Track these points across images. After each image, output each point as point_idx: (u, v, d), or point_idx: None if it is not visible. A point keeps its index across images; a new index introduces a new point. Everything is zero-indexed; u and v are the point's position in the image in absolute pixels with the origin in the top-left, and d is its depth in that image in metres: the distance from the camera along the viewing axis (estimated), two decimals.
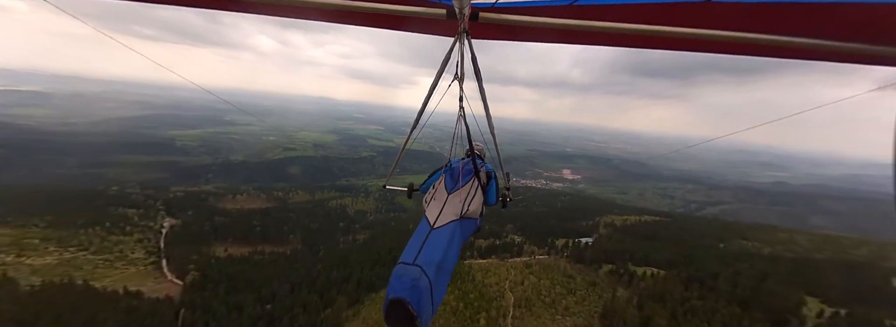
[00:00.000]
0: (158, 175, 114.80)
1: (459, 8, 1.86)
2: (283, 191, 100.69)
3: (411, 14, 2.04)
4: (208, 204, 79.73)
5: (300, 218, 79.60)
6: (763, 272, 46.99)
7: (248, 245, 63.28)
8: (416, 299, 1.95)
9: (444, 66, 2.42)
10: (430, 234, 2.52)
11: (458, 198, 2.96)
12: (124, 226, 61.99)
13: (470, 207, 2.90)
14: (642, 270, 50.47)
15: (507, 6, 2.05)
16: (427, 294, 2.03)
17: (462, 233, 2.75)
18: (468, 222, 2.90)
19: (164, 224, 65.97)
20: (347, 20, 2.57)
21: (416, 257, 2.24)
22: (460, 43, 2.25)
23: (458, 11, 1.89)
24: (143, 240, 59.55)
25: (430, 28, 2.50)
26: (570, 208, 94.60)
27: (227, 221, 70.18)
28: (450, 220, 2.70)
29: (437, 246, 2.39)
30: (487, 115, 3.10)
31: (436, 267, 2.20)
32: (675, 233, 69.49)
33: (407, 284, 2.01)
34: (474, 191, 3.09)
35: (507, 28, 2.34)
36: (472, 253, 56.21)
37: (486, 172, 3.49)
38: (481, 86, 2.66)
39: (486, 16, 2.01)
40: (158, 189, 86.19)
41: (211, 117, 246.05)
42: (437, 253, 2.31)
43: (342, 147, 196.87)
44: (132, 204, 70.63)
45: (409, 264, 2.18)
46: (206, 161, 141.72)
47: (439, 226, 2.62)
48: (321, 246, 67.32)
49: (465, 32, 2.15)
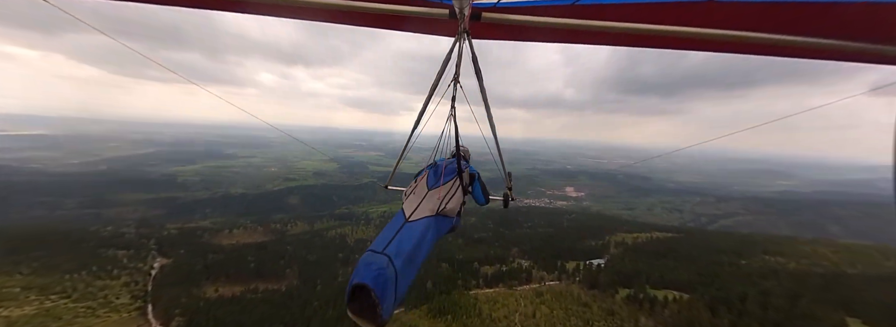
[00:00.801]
0: (156, 212, 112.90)
1: (460, 8, 1.90)
2: (281, 223, 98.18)
3: (412, 14, 2.05)
4: (202, 240, 77.04)
5: (297, 250, 76.50)
6: (793, 291, 43.69)
7: (242, 282, 59.68)
8: (381, 287, 1.94)
9: (445, 65, 2.46)
10: (404, 226, 2.52)
11: (437, 195, 2.95)
12: (112, 268, 59.21)
13: (447, 205, 2.90)
14: (662, 294, 47.03)
15: (508, 6, 2.05)
16: (392, 283, 2.02)
17: (436, 230, 2.72)
18: (444, 220, 2.87)
19: (155, 264, 63.05)
20: (348, 20, 2.55)
21: (387, 247, 2.23)
22: (461, 43, 2.27)
23: (458, 11, 1.92)
24: (130, 284, 56.48)
25: (431, 28, 2.50)
26: (577, 227, 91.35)
27: (221, 258, 67.12)
28: (425, 216, 2.68)
29: (408, 239, 2.38)
30: (488, 115, 3.19)
31: (404, 258, 2.19)
32: (690, 250, 65.89)
33: (373, 272, 1.99)
34: (454, 190, 3.11)
35: (508, 28, 2.36)
36: (477, 281, 52.87)
37: (470, 173, 3.50)
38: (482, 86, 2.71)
39: (487, 16, 2.03)
40: (154, 227, 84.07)
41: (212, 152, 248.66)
42: (407, 245, 2.30)
43: (342, 174, 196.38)
44: (123, 244, 68.12)
45: (377, 252, 2.16)
46: (204, 195, 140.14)
47: (414, 220, 2.61)
48: (318, 281, 63.71)
49: (466, 32, 2.17)
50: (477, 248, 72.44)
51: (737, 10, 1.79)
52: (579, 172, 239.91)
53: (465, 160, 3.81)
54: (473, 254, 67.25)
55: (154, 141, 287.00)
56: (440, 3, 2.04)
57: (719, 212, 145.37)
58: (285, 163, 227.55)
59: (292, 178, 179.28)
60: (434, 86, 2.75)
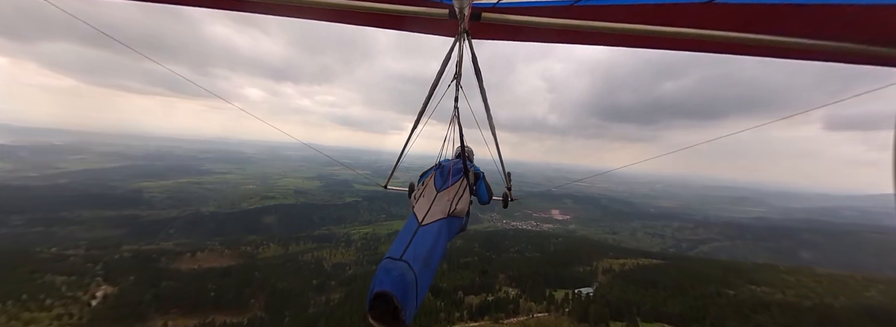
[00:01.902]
0: (114, 232, 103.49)
1: (460, 8, 1.91)
2: (253, 245, 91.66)
3: (412, 14, 2.07)
4: (159, 265, 69.71)
5: (267, 276, 70.54)
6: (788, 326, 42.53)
7: (197, 315, 53.04)
8: (402, 293, 1.99)
9: (445, 65, 2.49)
10: (418, 231, 2.54)
11: (446, 196, 2.99)
12: (45, 298, 51.95)
13: (457, 206, 2.93)
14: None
15: (508, 6, 2.07)
16: (412, 288, 2.08)
17: (448, 232, 2.77)
18: (455, 221, 2.91)
19: (97, 294, 55.66)
20: (348, 20, 2.55)
21: (404, 252, 2.27)
22: (460, 43, 2.30)
23: (458, 11, 1.94)
24: (64, 317, 49.18)
25: (431, 28, 2.52)
26: (563, 251, 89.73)
27: (176, 286, 60.68)
28: (438, 218, 2.72)
29: (424, 243, 2.43)
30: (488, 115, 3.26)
31: (422, 262, 2.25)
32: (676, 279, 65.11)
33: (394, 278, 2.04)
34: (462, 190, 3.14)
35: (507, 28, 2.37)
36: (461, 314, 49.20)
37: (475, 173, 3.55)
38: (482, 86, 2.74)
39: (487, 16, 2.04)
40: (107, 248, 76.16)
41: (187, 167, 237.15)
42: (423, 250, 2.35)
43: (325, 193, 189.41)
44: (65, 270, 60.60)
45: (396, 259, 2.20)
46: (171, 214, 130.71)
47: (427, 224, 2.64)
48: (286, 312, 58.09)
49: (466, 32, 2.19)
50: (462, 275, 69.13)
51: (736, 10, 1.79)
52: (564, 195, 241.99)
53: (469, 160, 3.80)
54: (458, 282, 64.09)
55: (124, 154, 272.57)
56: (440, 3, 2.03)
57: (698, 237, 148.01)
58: (265, 179, 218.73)
59: (271, 196, 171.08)
60: (434, 85, 2.76)
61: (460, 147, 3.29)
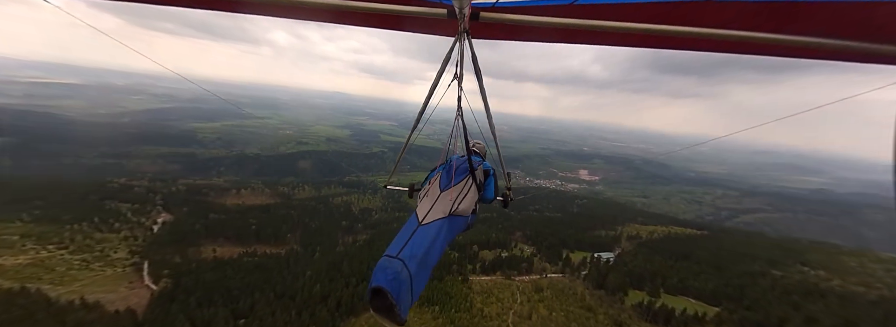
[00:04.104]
0: (173, 166, 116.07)
1: (460, 8, 1.92)
2: (289, 187, 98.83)
3: (412, 14, 2.08)
4: (208, 199, 77.69)
5: (301, 215, 76.93)
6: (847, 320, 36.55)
7: (241, 244, 60.17)
8: (397, 290, 2.13)
9: (445, 65, 2.54)
10: (417, 230, 2.61)
11: (449, 196, 3.01)
12: (114, 222, 59.58)
13: (460, 205, 2.96)
14: (681, 303, 41.40)
15: (507, 6, 2.09)
16: (407, 286, 2.21)
17: (449, 231, 2.82)
18: (457, 220, 2.94)
19: (158, 220, 63.73)
20: (347, 20, 2.58)
21: (401, 251, 2.37)
22: (460, 43, 2.32)
23: (458, 11, 1.95)
24: (129, 239, 56.65)
25: (431, 28, 2.55)
26: (587, 214, 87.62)
27: (222, 219, 67.41)
28: (438, 217, 2.76)
29: (421, 242, 2.49)
30: (488, 115, 3.26)
31: (418, 261, 2.35)
32: (714, 253, 59.26)
33: (389, 276, 2.18)
34: (467, 189, 3.16)
35: (507, 28, 2.42)
36: (474, 267, 50.45)
37: (484, 170, 3.57)
38: (482, 86, 2.78)
39: (486, 15, 2.05)
40: (166, 181, 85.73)
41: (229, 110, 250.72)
42: (420, 249, 2.43)
43: (353, 142, 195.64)
44: (130, 198, 68.71)
45: (393, 257, 2.32)
46: (221, 153, 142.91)
47: (427, 223, 2.70)
48: (318, 248, 64.10)
49: (466, 32, 2.21)
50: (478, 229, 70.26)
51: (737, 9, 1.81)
52: (595, 155, 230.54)
53: (480, 156, 3.91)
54: (474, 237, 64.90)
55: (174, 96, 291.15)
56: (439, 2, 2.04)
57: (741, 206, 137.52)
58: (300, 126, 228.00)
59: (305, 142, 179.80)
60: (434, 85, 2.80)
61: (465, 145, 3.31)
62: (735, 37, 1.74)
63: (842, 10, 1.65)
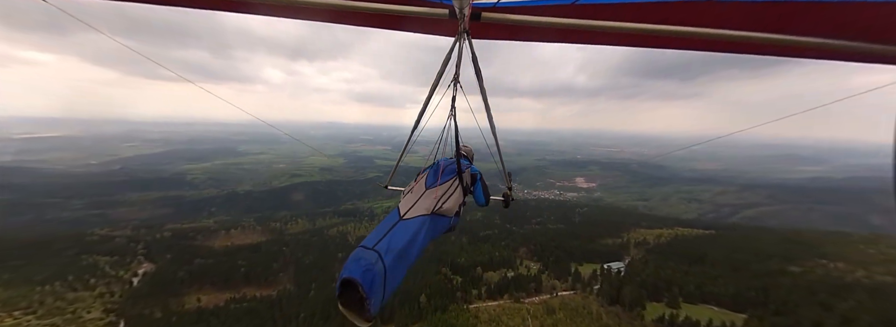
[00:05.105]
0: (162, 211, 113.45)
1: (460, 8, 1.92)
2: (282, 221, 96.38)
3: (412, 14, 2.08)
4: (195, 243, 74.65)
5: (294, 251, 74.12)
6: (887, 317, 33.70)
7: (228, 289, 56.61)
8: (369, 282, 1.99)
9: (445, 65, 2.54)
10: (398, 224, 2.54)
11: (434, 194, 2.97)
12: (89, 278, 56.17)
13: (444, 205, 2.89)
14: (705, 312, 38.41)
15: (508, 6, 2.08)
16: (380, 279, 2.07)
17: (431, 229, 2.73)
18: (440, 219, 2.87)
19: (138, 272, 60.55)
20: (348, 20, 2.58)
21: (378, 243, 2.27)
22: (461, 43, 2.32)
23: (459, 11, 1.95)
24: (105, 295, 53.05)
25: (431, 28, 2.55)
26: (590, 222, 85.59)
27: (209, 263, 64.26)
28: (420, 214, 2.69)
29: (401, 237, 2.40)
30: (488, 115, 3.26)
31: (395, 255, 2.23)
32: (726, 253, 56.37)
33: (362, 267, 2.04)
34: (453, 190, 3.10)
35: (508, 28, 2.42)
36: (479, 291, 47.24)
37: (471, 174, 3.52)
38: (482, 86, 2.78)
39: (487, 16, 2.05)
40: (151, 228, 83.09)
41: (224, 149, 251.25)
42: (399, 243, 2.33)
43: (348, 169, 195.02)
44: (109, 250, 65.53)
45: (368, 248, 2.20)
46: (212, 193, 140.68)
47: (408, 218, 2.63)
48: (312, 285, 60.97)
49: (466, 32, 2.21)
50: (482, 249, 67.77)
51: (737, 9, 1.81)
52: (590, 162, 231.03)
53: (467, 160, 3.86)
54: (478, 258, 62.36)
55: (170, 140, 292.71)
56: (440, 3, 2.04)
57: (741, 201, 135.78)
58: (294, 159, 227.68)
59: (298, 174, 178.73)
60: (434, 85, 2.80)
61: (455, 146, 3.31)
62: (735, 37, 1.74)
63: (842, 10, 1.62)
